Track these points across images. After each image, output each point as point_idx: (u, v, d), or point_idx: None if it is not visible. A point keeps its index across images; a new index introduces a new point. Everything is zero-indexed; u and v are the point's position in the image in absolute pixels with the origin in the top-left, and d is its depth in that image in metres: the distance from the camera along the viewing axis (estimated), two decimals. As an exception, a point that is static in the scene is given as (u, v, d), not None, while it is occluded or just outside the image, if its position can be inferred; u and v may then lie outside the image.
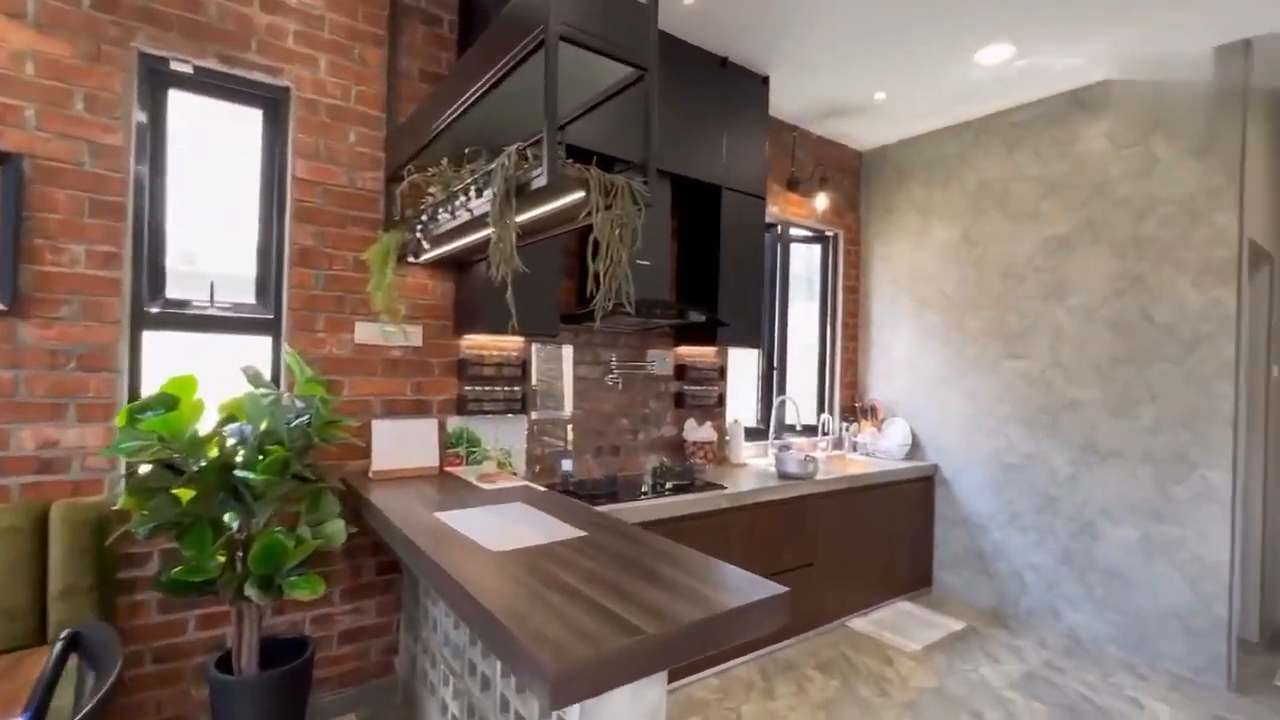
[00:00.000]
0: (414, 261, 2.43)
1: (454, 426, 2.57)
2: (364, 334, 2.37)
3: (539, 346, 2.81)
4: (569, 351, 2.91)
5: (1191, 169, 2.87)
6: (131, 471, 1.91)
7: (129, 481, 1.68)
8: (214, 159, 2.26)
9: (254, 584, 1.71)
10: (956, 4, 2.53)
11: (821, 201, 3.87)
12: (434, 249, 2.17)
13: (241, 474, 1.73)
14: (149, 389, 2.00)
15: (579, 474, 2.89)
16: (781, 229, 3.95)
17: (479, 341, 2.64)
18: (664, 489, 2.67)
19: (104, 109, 1.92)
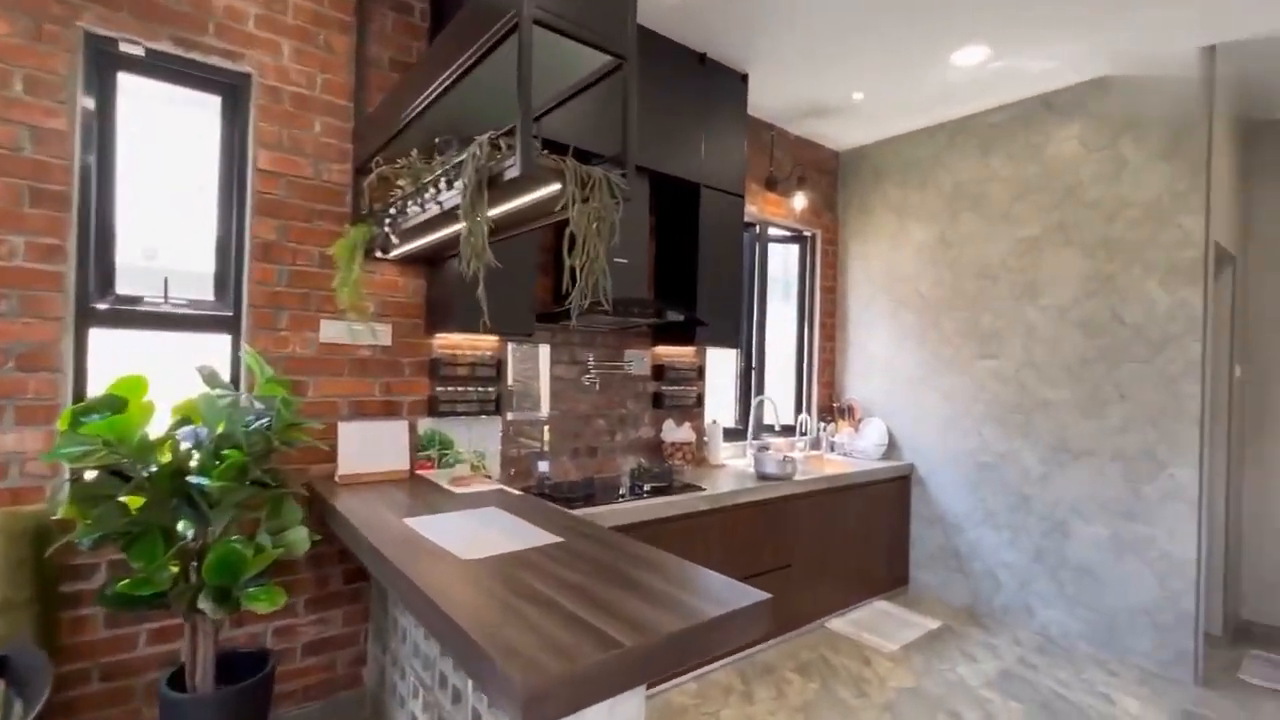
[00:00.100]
0: (383, 257, 2.35)
1: (425, 428, 2.49)
2: (330, 332, 2.27)
3: (515, 346, 2.74)
4: (546, 351, 2.85)
5: (1159, 172, 2.92)
6: (75, 478, 1.81)
7: (72, 489, 1.58)
8: (170, 148, 2.15)
9: (209, 596, 1.62)
10: (935, 5, 2.53)
11: (799, 201, 3.87)
12: (404, 244, 2.10)
13: (196, 480, 1.64)
14: (96, 390, 1.88)
15: (555, 476, 2.83)
16: (760, 228, 3.94)
17: (452, 341, 2.56)
18: (642, 491, 2.62)
19: (46, 92, 1.80)
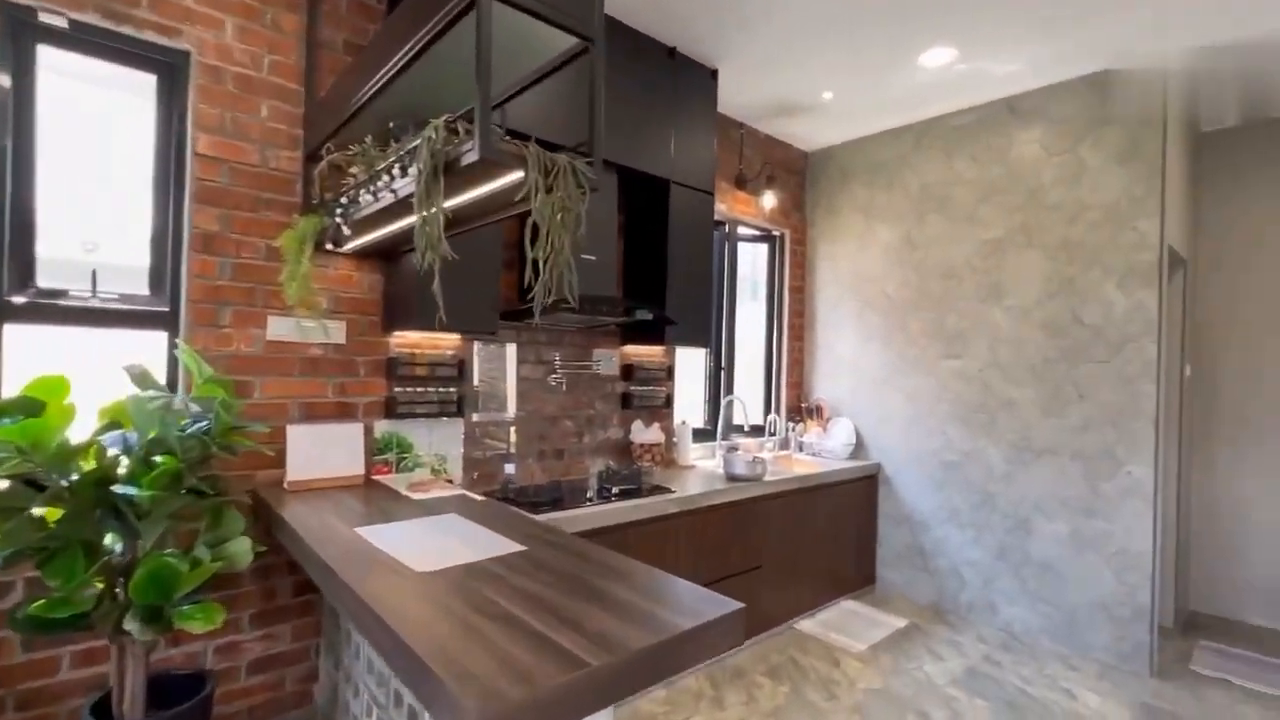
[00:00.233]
0: (337, 251, 2.22)
1: (382, 431, 2.37)
2: (278, 330, 2.14)
3: (481, 345, 2.64)
4: (512, 350, 2.75)
5: (1117, 176, 2.98)
6: (-15, 488, 1.64)
7: (-21, 501, 1.42)
8: (101, 131, 1.98)
9: (136, 616, 1.48)
10: (904, 6, 2.53)
11: (769, 200, 3.85)
12: (358, 236, 1.98)
13: (123, 489, 1.50)
14: (10, 391, 1.72)
15: (521, 480, 2.73)
16: (729, 227, 3.90)
17: (410, 339, 2.45)
18: (610, 494, 2.55)
19: (-47, 63, 1.64)
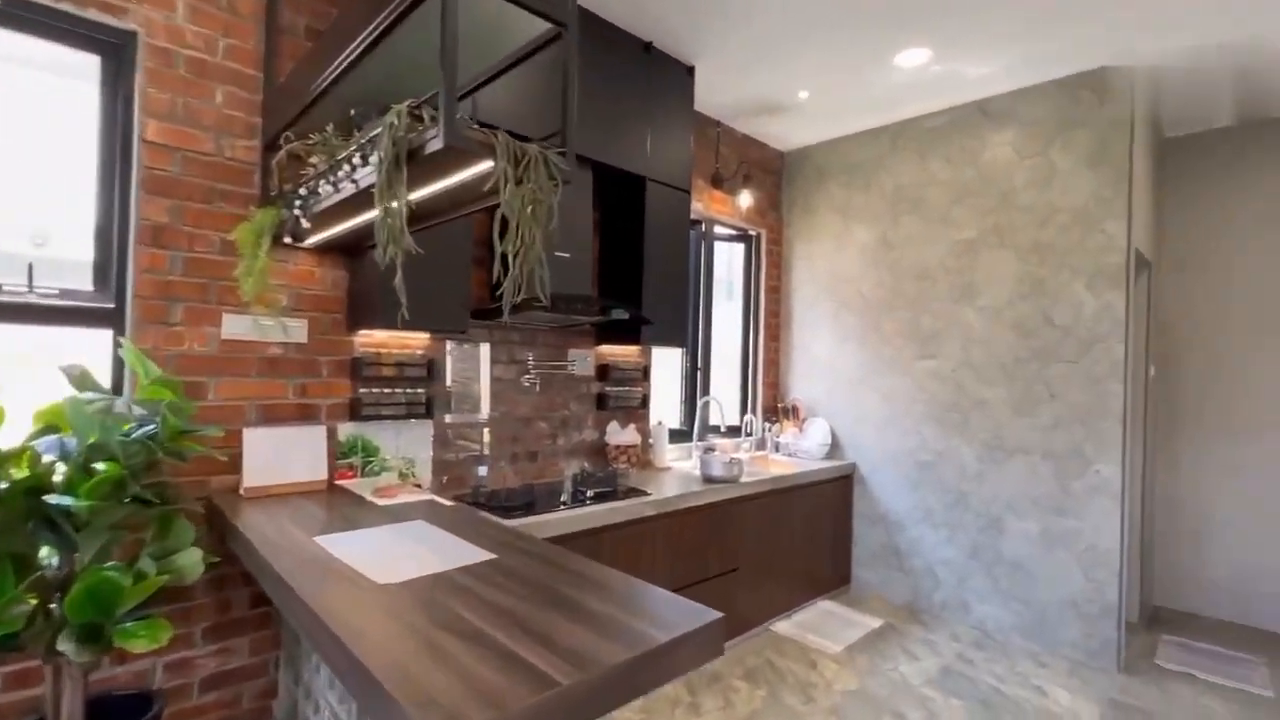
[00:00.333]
0: (297, 245, 2.12)
1: (347, 434, 2.27)
2: (234, 328, 2.03)
3: (455, 345, 2.56)
4: (486, 350, 2.67)
5: (1086, 179, 3.03)
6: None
7: (-106, 513, 1.30)
8: (45, 117, 1.86)
9: (71, 635, 1.38)
10: (881, 5, 2.52)
11: (745, 199, 3.83)
12: (320, 230, 1.89)
13: (58, 499, 1.39)
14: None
15: (493, 483, 2.65)
16: (706, 226, 3.87)
17: (377, 338, 2.36)
18: (585, 498, 2.49)
19: None
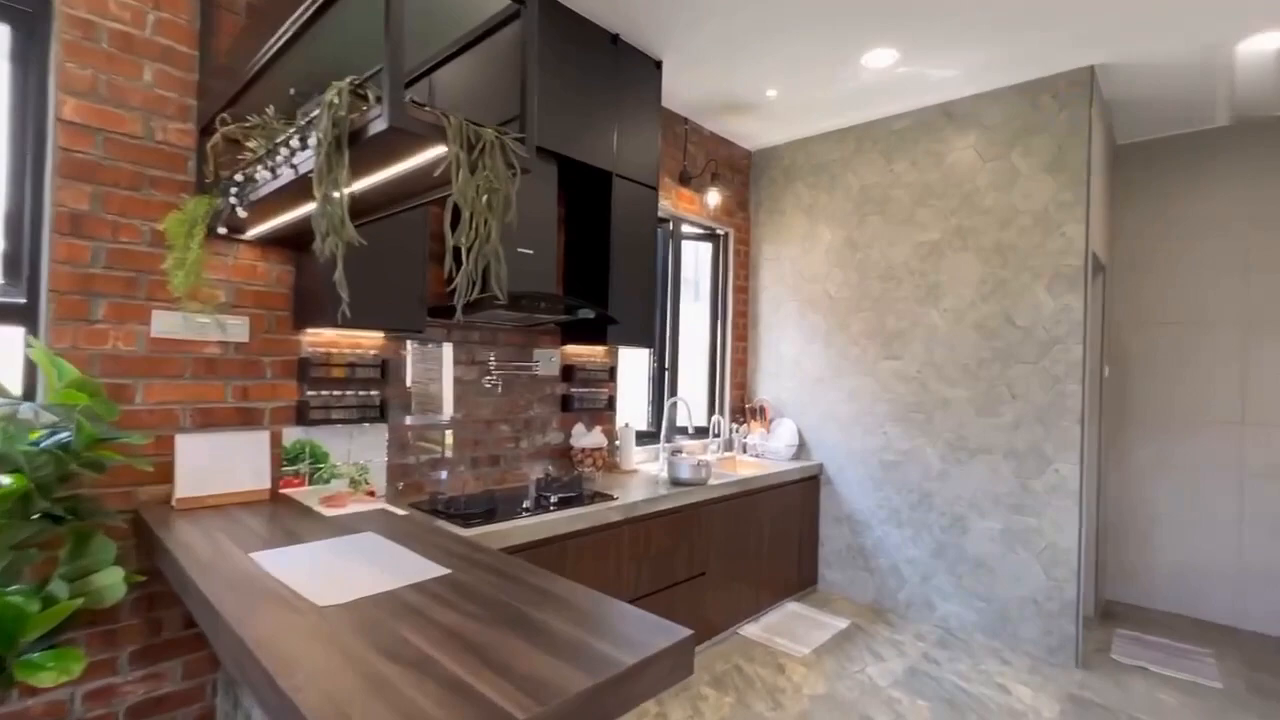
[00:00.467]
0: (237, 238, 1.98)
1: (293, 440, 2.13)
2: (164, 325, 1.87)
3: (416, 345, 2.44)
4: (449, 350, 2.55)
5: (1045, 183, 3.08)
6: None
7: None
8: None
9: (-34, 671, 1.23)
10: (848, 4, 2.50)
11: (713, 198, 3.79)
12: (260, 221, 1.76)
13: (-50, 517, 1.24)
14: None
15: (452, 490, 2.54)
16: (673, 224, 3.82)
17: (326, 337, 2.22)
18: (549, 503, 2.40)
19: None
